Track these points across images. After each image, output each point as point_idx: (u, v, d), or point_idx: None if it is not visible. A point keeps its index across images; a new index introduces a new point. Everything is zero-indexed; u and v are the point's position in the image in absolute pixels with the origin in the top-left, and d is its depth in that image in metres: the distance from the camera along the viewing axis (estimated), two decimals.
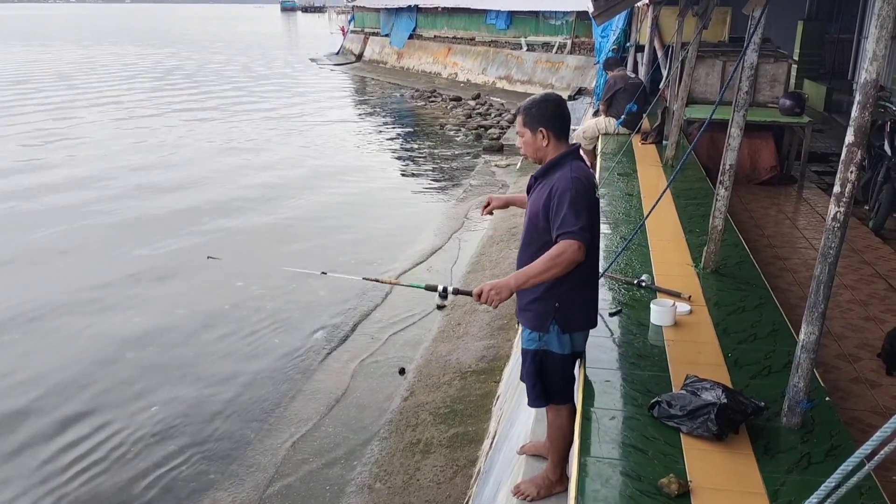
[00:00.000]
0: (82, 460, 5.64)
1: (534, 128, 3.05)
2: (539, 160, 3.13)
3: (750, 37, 4.40)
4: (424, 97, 26.05)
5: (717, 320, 4.01)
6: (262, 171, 15.20)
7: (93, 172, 14.73)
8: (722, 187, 4.76)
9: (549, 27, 27.37)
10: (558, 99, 3.14)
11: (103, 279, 9.14)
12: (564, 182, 2.94)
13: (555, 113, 3.06)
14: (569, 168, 3.01)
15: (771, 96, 9.07)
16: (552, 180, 3.01)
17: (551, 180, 3.01)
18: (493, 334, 7.18)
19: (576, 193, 2.91)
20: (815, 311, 2.79)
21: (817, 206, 7.60)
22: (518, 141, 3.18)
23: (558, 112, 3.07)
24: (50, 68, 35.81)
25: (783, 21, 14.77)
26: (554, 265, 2.89)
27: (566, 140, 3.11)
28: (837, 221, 2.65)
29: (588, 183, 3.01)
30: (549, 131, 3.04)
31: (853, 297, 5.25)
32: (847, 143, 2.59)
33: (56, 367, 6.98)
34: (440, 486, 5.04)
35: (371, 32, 40.66)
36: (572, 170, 3.00)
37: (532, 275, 2.93)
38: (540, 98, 3.11)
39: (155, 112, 22.48)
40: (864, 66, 2.51)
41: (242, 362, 7.09)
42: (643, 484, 2.60)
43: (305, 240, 10.73)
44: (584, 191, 2.95)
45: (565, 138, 3.11)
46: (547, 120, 3.04)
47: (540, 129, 3.04)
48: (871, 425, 3.59)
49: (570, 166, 3.02)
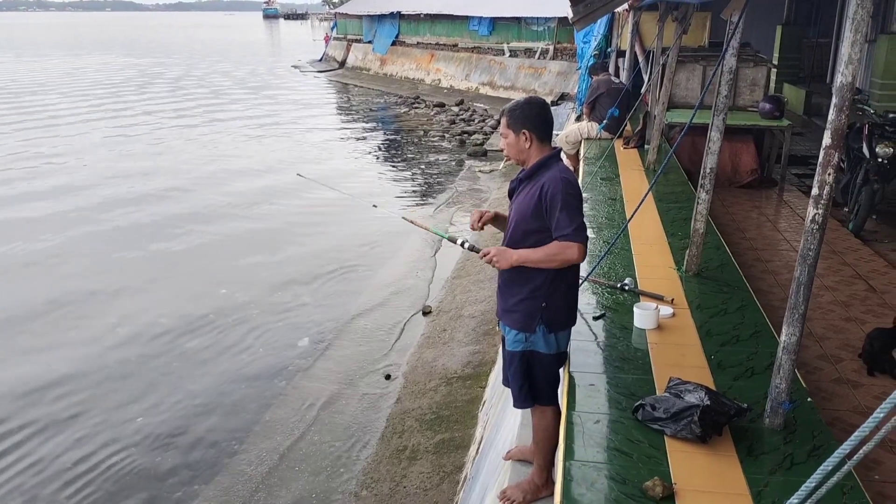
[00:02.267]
0: (66, 472, 5.57)
1: (517, 129, 3.08)
2: (521, 162, 3.16)
3: (729, 41, 4.43)
4: (408, 103, 26.07)
5: (699, 323, 4.03)
6: (244, 178, 15.14)
7: (71, 181, 14.63)
8: (703, 190, 4.79)
9: (532, 33, 27.48)
10: (542, 102, 3.17)
11: (84, 287, 9.08)
12: (555, 183, 2.97)
13: (538, 115, 3.09)
14: (556, 169, 3.04)
15: (751, 100, 9.15)
16: (540, 182, 3.03)
17: (539, 182, 3.04)
18: (478, 340, 7.18)
19: (567, 195, 2.95)
20: (796, 313, 2.81)
21: (798, 209, 7.67)
22: (501, 142, 3.21)
23: (542, 115, 3.10)
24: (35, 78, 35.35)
25: (762, 25, 14.92)
26: (551, 260, 3.00)
27: (549, 143, 3.14)
28: (816, 223, 2.67)
29: (576, 183, 3.07)
30: (532, 133, 3.07)
31: (834, 298, 5.30)
32: (824, 146, 2.61)
33: (37, 375, 6.92)
34: (427, 492, 5.02)
35: (354, 39, 40.64)
36: (561, 171, 3.04)
37: (531, 259, 3.04)
38: (524, 101, 3.14)
39: (138, 122, 22.31)
40: (840, 70, 2.54)
41: (227, 370, 7.04)
42: (628, 487, 2.61)
43: (286, 247, 10.69)
44: (574, 191, 3.00)
45: (548, 141, 3.14)
46: (531, 122, 3.07)
47: (523, 130, 3.07)
48: (854, 425, 3.60)
49: (558, 167, 3.06)
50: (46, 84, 32.75)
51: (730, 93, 4.63)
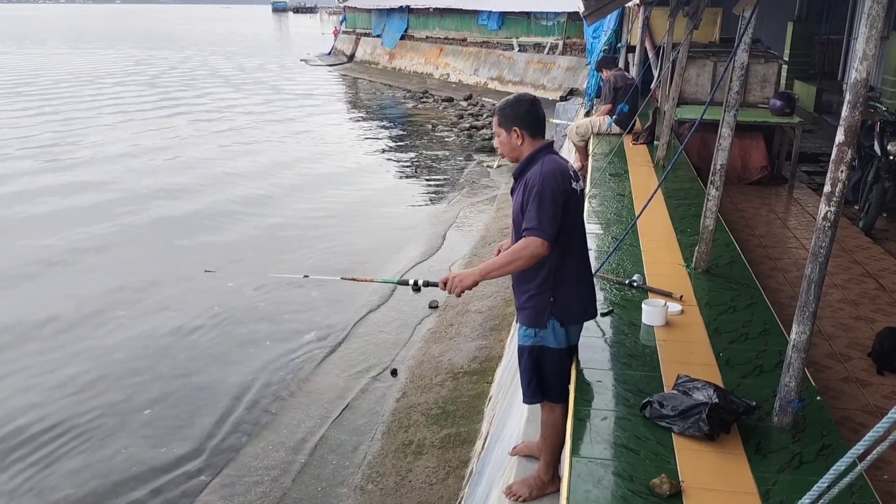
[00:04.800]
0: (73, 461, 5.61)
1: (508, 127, 3.11)
2: (515, 159, 3.19)
3: (740, 37, 4.40)
4: (416, 98, 26.05)
5: (708, 320, 4.01)
6: (253, 173, 15.13)
7: (88, 178, 14.63)
8: (713, 187, 4.77)
9: (541, 28, 27.38)
10: (532, 98, 3.20)
11: (91, 287, 9.10)
12: (534, 178, 3.00)
13: (528, 112, 3.11)
14: (540, 163, 3.06)
15: (761, 97, 9.09)
16: (526, 177, 3.06)
17: (526, 177, 3.07)
18: (485, 335, 7.17)
19: (542, 188, 2.95)
20: (806, 311, 2.79)
21: (808, 206, 7.62)
22: (495, 141, 3.24)
23: (532, 111, 3.12)
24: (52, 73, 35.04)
25: (773, 22, 14.82)
26: (516, 258, 2.96)
27: (541, 138, 3.16)
28: (828, 221, 2.65)
29: (560, 174, 3.02)
30: (522, 130, 3.09)
31: (844, 296, 5.26)
32: (837, 143, 2.59)
33: (45, 371, 6.95)
34: (432, 487, 5.02)
35: (363, 33, 40.61)
36: (543, 164, 3.05)
37: (496, 267, 3.01)
38: (513, 99, 3.17)
39: (148, 116, 22.29)
40: (854, 66, 2.51)
41: (235, 366, 7.06)
42: (635, 484, 2.59)
43: (295, 244, 10.69)
44: (552, 184, 2.98)
45: (540, 136, 3.16)
46: (521, 119, 3.09)
47: (514, 128, 3.09)
48: (863, 424, 3.59)
49: (543, 161, 3.07)
50: (84, 75, 32.72)
51: (741, 89, 4.60)
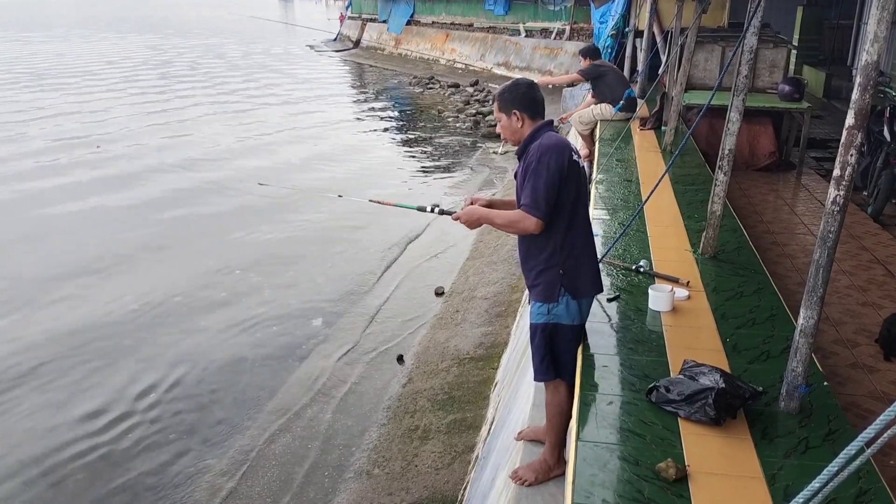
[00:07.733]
0: (78, 442, 5.65)
1: (508, 111, 3.19)
2: (517, 141, 3.25)
3: (749, 21, 4.36)
4: (422, 84, 25.92)
5: (715, 305, 4.00)
6: (261, 154, 15.15)
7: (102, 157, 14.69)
8: (721, 172, 4.74)
9: (548, 13, 27.16)
10: (529, 82, 3.27)
11: (96, 260, 9.19)
12: (533, 154, 3.07)
13: (526, 95, 3.19)
14: (540, 139, 3.12)
15: (770, 82, 9.03)
16: (527, 155, 3.13)
17: (527, 155, 3.13)
18: (491, 321, 7.18)
19: (539, 164, 3.02)
20: (814, 296, 2.77)
21: (816, 192, 7.58)
22: (498, 126, 3.31)
23: (529, 94, 3.20)
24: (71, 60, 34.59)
25: (783, 6, 14.68)
26: (510, 226, 3.14)
27: (541, 119, 3.22)
28: (837, 205, 2.63)
29: (558, 148, 3.07)
30: (522, 112, 3.17)
31: (851, 282, 5.24)
32: (847, 126, 2.57)
33: (41, 343, 7.06)
34: (438, 471, 5.04)
35: (369, 18, 40.36)
36: (542, 139, 3.11)
37: (494, 219, 3.18)
38: (511, 83, 3.26)
39: (159, 99, 22.26)
40: (865, 48, 2.49)
41: (240, 349, 7.08)
42: (641, 468, 2.60)
43: (300, 226, 10.71)
44: (549, 159, 3.02)
45: (540, 118, 3.21)
46: (519, 102, 3.18)
47: (514, 111, 3.18)
48: (869, 410, 3.59)
49: (542, 137, 3.13)
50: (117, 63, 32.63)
51: (749, 74, 4.56)
